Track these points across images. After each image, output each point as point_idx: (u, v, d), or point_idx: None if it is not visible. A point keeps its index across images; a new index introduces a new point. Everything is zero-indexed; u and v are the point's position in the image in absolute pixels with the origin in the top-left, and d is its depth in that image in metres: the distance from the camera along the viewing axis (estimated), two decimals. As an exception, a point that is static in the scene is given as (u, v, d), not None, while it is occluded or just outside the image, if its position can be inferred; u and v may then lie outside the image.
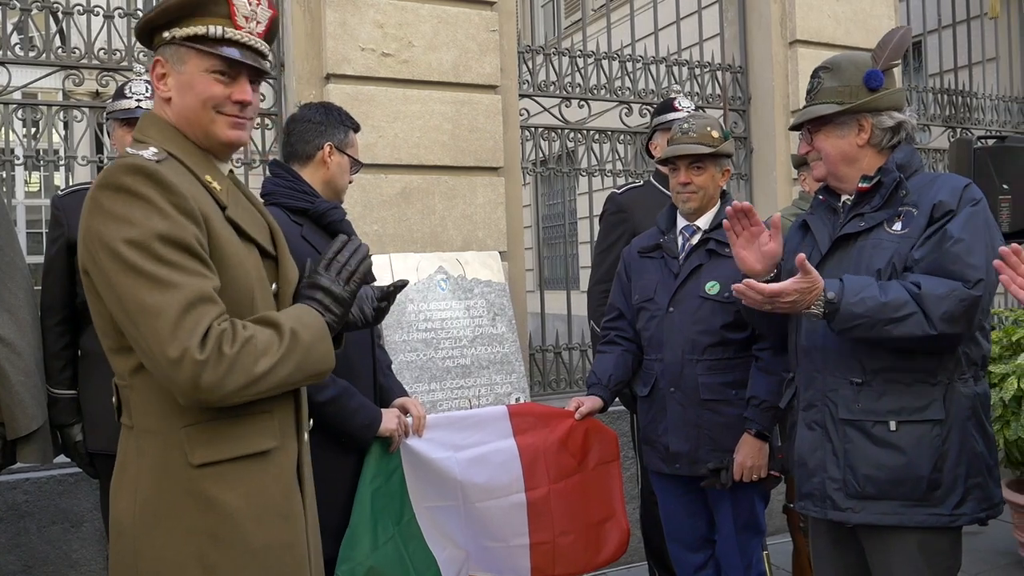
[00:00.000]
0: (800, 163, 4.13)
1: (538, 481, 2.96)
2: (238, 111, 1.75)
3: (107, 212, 1.57)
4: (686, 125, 3.03)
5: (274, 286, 1.82)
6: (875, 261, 2.29)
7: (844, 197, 2.47)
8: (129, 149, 1.68)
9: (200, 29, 1.70)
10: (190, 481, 1.63)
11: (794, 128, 2.54)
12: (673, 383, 2.96)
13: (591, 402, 3.06)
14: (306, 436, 1.86)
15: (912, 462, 2.24)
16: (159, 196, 1.57)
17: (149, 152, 1.65)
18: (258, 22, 1.76)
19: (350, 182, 2.76)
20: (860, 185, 2.39)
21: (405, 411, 2.77)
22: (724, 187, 3.10)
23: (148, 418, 1.67)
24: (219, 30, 1.70)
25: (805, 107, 2.47)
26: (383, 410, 2.59)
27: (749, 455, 2.85)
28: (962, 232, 2.20)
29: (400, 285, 2.08)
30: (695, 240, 3.02)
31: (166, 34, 1.72)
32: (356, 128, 2.75)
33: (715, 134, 2.98)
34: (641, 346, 3.14)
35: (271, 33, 1.82)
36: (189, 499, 1.63)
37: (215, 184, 1.72)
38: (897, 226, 2.31)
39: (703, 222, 3.03)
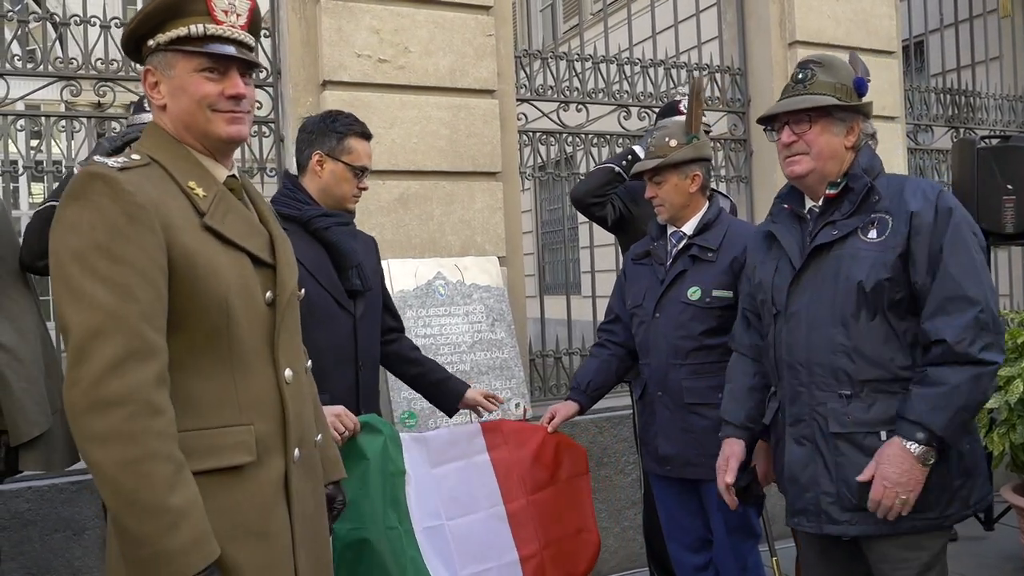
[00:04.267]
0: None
1: (515, 494, 2.98)
2: (233, 106, 1.73)
3: (60, 218, 1.58)
4: (650, 140, 3.04)
5: (269, 294, 1.76)
6: (855, 272, 2.24)
7: (810, 204, 2.42)
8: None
9: (182, 31, 1.69)
10: None
11: (789, 113, 2.36)
12: (660, 387, 3.01)
13: (566, 409, 3.12)
14: (297, 452, 1.77)
15: None
16: (110, 203, 1.55)
17: (115, 160, 1.63)
18: (238, 15, 1.75)
19: (363, 188, 2.75)
20: (827, 192, 2.35)
21: (475, 406, 2.94)
22: (700, 188, 3.02)
23: None
24: (200, 28, 1.69)
25: (796, 96, 2.37)
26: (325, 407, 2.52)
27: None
28: (953, 261, 2.17)
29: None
30: (681, 246, 3.04)
31: (151, 42, 1.72)
32: (360, 134, 2.73)
33: (672, 143, 2.97)
34: (632, 351, 3.18)
35: (254, 24, 1.80)
36: None
37: (199, 190, 1.69)
38: (872, 234, 2.26)
39: (688, 227, 3.04)
